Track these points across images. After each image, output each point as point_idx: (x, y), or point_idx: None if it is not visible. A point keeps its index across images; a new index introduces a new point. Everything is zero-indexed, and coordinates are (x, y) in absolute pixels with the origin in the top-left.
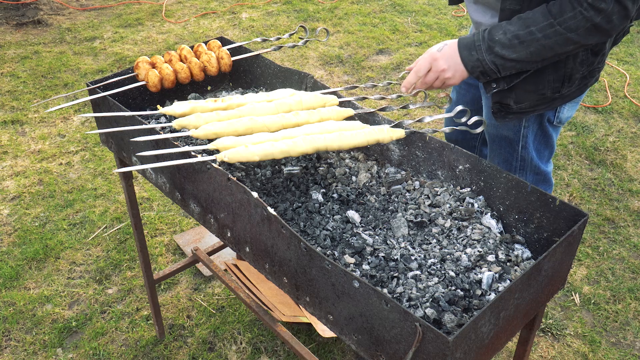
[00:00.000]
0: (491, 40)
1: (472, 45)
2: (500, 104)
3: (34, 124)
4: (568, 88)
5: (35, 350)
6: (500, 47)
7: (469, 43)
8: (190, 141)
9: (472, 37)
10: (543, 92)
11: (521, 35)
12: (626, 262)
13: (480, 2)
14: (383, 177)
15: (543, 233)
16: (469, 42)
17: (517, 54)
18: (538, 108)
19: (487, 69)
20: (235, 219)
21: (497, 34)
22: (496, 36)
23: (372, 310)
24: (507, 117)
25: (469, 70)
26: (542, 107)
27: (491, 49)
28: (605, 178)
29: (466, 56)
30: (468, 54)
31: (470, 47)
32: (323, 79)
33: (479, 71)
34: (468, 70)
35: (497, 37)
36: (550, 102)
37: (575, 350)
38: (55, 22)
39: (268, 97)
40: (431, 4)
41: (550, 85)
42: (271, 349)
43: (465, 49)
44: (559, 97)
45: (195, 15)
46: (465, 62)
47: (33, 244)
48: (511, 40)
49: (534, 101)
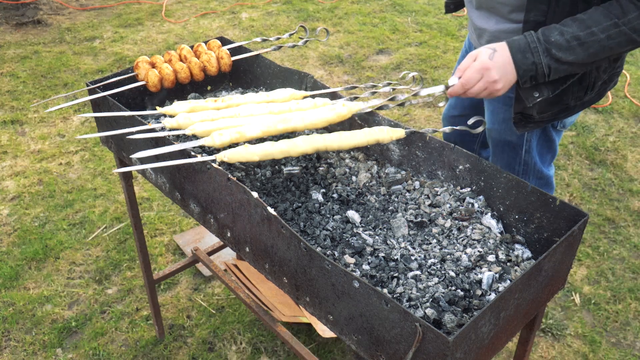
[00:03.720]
0: (547, 42)
1: (526, 48)
2: (522, 114)
3: (34, 124)
4: (590, 95)
5: (35, 350)
6: (557, 49)
7: (522, 45)
8: (189, 141)
9: (525, 39)
10: (567, 103)
11: (581, 36)
12: (626, 262)
13: (484, 8)
14: (383, 177)
15: (543, 233)
16: (522, 44)
17: (575, 56)
18: (559, 116)
19: (539, 73)
20: (235, 219)
21: (553, 35)
22: (552, 37)
23: (372, 310)
24: (527, 126)
25: (520, 74)
26: (563, 115)
27: (548, 51)
28: (606, 178)
29: (520, 59)
30: (522, 57)
31: (525, 49)
32: (323, 79)
33: (529, 75)
34: (519, 74)
35: (553, 38)
36: (572, 110)
37: (575, 350)
38: (55, 22)
39: (268, 97)
40: (431, 4)
41: (574, 95)
42: (271, 349)
43: (519, 52)
44: (580, 105)
45: (195, 15)
46: (518, 66)
47: (33, 244)
48: (570, 41)
49: (557, 111)
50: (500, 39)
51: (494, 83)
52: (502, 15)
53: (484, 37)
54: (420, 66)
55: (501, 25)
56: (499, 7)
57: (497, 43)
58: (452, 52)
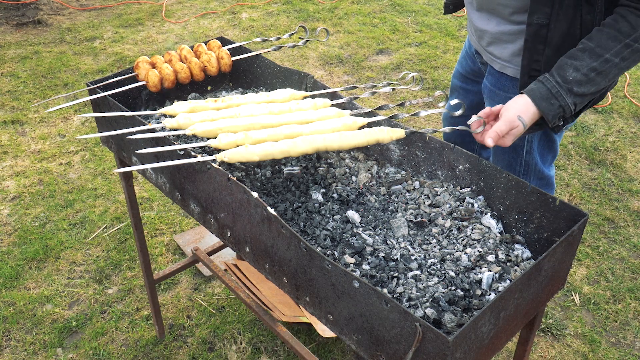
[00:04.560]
0: (566, 82)
1: (549, 95)
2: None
3: (34, 124)
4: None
5: (35, 350)
6: (577, 86)
7: (544, 94)
8: (189, 141)
9: (544, 86)
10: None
11: (597, 66)
12: (626, 262)
13: (485, 9)
14: (383, 177)
15: (543, 233)
16: (543, 92)
17: (597, 86)
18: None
19: (567, 112)
20: (235, 219)
21: (569, 74)
22: (569, 76)
23: (372, 310)
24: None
25: (550, 119)
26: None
27: (571, 91)
28: (605, 178)
29: (546, 107)
30: (548, 104)
31: (548, 97)
32: (323, 79)
33: (558, 117)
34: (549, 119)
35: (570, 77)
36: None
37: (575, 350)
38: (55, 22)
39: (268, 97)
40: (431, 4)
41: None
42: (271, 349)
43: (544, 100)
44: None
45: (195, 15)
46: (547, 113)
47: (33, 244)
48: (587, 74)
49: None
50: (502, 40)
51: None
52: (503, 16)
53: (484, 38)
54: (420, 66)
55: (502, 26)
56: (500, 8)
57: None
58: (452, 52)
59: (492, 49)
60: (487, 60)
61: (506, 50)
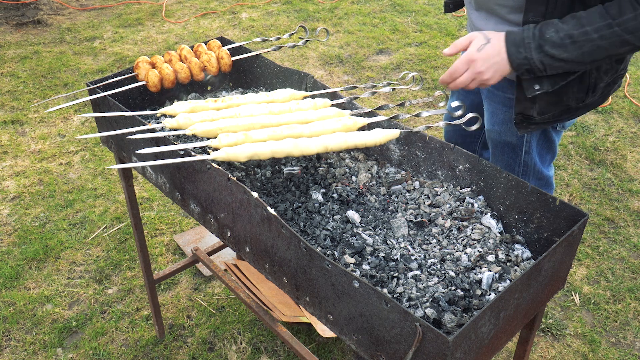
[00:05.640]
0: (542, 38)
1: (520, 42)
2: (523, 115)
3: (34, 124)
4: (592, 97)
5: (35, 350)
6: (550, 46)
7: (517, 40)
8: (189, 141)
9: (522, 33)
10: (568, 104)
11: (575, 34)
12: (626, 262)
13: (483, 9)
14: (383, 177)
15: (543, 233)
16: (517, 38)
17: (568, 53)
18: (561, 118)
19: (534, 68)
20: (235, 219)
21: (549, 32)
22: (547, 34)
23: (372, 310)
24: (529, 127)
25: (514, 67)
26: (565, 117)
27: (541, 48)
28: (605, 178)
29: (513, 53)
30: (515, 50)
31: (519, 44)
32: (323, 79)
33: (524, 69)
34: (513, 67)
35: (548, 35)
36: (574, 112)
37: (575, 350)
38: (55, 22)
39: (268, 97)
40: (431, 4)
41: (574, 96)
42: (271, 349)
43: (513, 45)
44: (583, 107)
45: (195, 15)
46: (512, 59)
47: (33, 244)
48: (563, 39)
49: (558, 112)
50: None
51: (480, 74)
52: (501, 16)
53: None
54: (420, 66)
55: (500, 26)
56: (497, 8)
57: (495, 33)
58: None
59: None
60: None
61: None
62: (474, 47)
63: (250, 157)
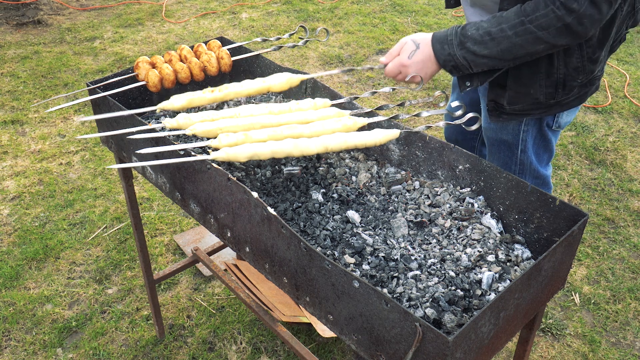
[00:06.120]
0: (464, 35)
1: (444, 40)
2: (495, 102)
3: (34, 124)
4: (565, 95)
5: (35, 350)
6: (472, 43)
7: (442, 37)
8: (189, 141)
9: (446, 32)
10: (536, 97)
11: (493, 32)
12: (626, 262)
13: (477, 5)
14: (383, 177)
15: (543, 233)
16: (442, 36)
17: (488, 50)
18: (533, 112)
19: (459, 64)
20: (235, 219)
21: (470, 30)
22: (469, 32)
23: (372, 310)
24: (501, 116)
25: (441, 64)
26: (538, 112)
27: (463, 44)
28: (605, 178)
29: (438, 50)
30: (440, 47)
31: (443, 41)
32: (323, 79)
33: (451, 65)
34: (440, 64)
35: (469, 32)
36: (546, 108)
37: (575, 350)
38: (55, 22)
39: (264, 82)
40: (431, 4)
41: (542, 90)
42: (271, 349)
43: (438, 42)
44: (556, 104)
45: (195, 15)
46: (438, 56)
47: (33, 244)
48: (482, 36)
49: (528, 105)
50: None
51: (413, 77)
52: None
53: None
54: None
55: None
56: (491, 5)
57: (424, 36)
58: None
59: None
60: None
61: None
62: (406, 55)
63: (250, 157)
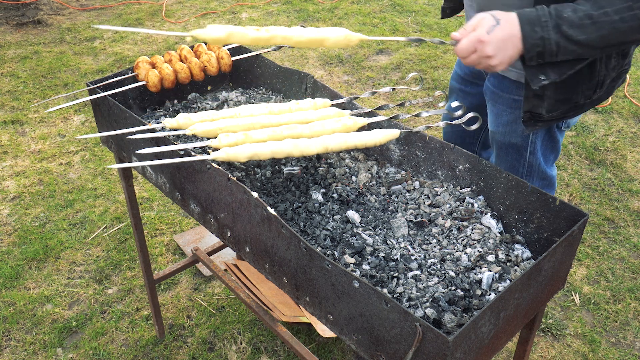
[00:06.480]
0: (559, 17)
1: (537, 21)
2: (532, 113)
3: (34, 124)
4: (599, 93)
5: (35, 350)
6: (568, 26)
7: (532, 18)
8: (189, 141)
9: (536, 12)
10: (576, 100)
11: (594, 15)
12: (626, 262)
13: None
14: (383, 177)
15: (543, 233)
16: (532, 16)
17: (586, 35)
18: (568, 114)
19: (547, 50)
20: (235, 219)
21: (566, 11)
22: (565, 13)
23: (372, 310)
24: (536, 125)
25: (527, 48)
26: (572, 114)
27: (559, 27)
28: (605, 178)
29: (528, 32)
30: (530, 29)
31: (535, 22)
32: (323, 79)
33: (536, 51)
34: (525, 48)
35: (565, 14)
36: (580, 108)
37: (575, 350)
38: (55, 22)
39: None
40: (431, 4)
41: (583, 93)
42: (271, 349)
43: (528, 23)
44: (589, 103)
45: (195, 15)
46: (526, 39)
47: (33, 244)
48: (582, 19)
49: (566, 109)
50: None
51: (487, 58)
52: None
53: None
54: (420, 66)
55: None
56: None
57: (504, 13)
58: (451, 52)
59: None
60: None
61: None
62: (484, 29)
63: (250, 157)
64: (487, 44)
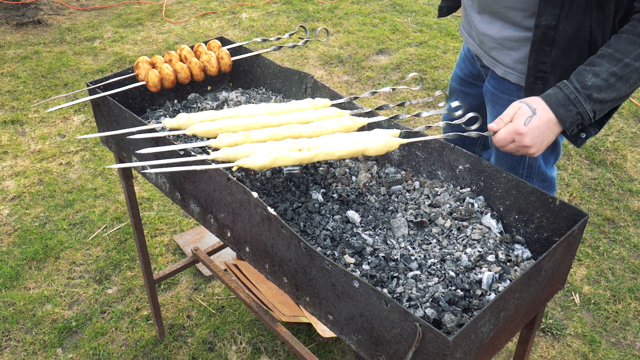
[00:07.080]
0: (585, 87)
1: (567, 101)
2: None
3: (34, 124)
4: None
5: (35, 350)
6: (597, 92)
7: (562, 100)
8: (189, 141)
9: (562, 92)
10: None
11: (617, 71)
12: (626, 262)
13: (486, 12)
14: (383, 177)
15: (543, 233)
16: (561, 98)
17: (617, 92)
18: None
19: (586, 119)
20: (235, 219)
21: (588, 79)
22: (588, 81)
23: (372, 310)
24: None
25: (567, 126)
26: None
27: (589, 97)
28: (605, 178)
29: (563, 114)
30: (565, 110)
31: (565, 103)
32: (323, 79)
33: (576, 125)
34: (566, 127)
35: (589, 82)
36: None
37: (575, 350)
38: (55, 22)
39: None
40: (431, 4)
41: None
42: (271, 349)
43: (561, 106)
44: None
45: (195, 15)
46: (564, 120)
47: (33, 244)
48: (607, 79)
49: None
50: (505, 47)
51: (525, 148)
52: (507, 20)
53: (486, 42)
54: (420, 66)
55: (506, 32)
56: (504, 11)
57: (535, 100)
58: (452, 52)
59: (495, 54)
60: (489, 64)
61: (509, 57)
62: (522, 120)
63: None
64: (525, 135)
